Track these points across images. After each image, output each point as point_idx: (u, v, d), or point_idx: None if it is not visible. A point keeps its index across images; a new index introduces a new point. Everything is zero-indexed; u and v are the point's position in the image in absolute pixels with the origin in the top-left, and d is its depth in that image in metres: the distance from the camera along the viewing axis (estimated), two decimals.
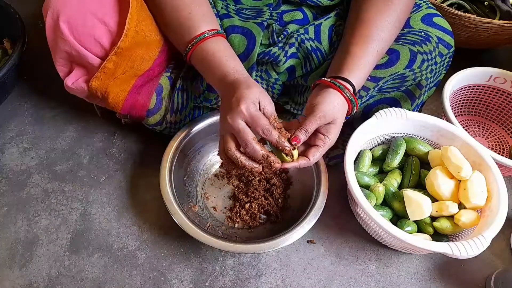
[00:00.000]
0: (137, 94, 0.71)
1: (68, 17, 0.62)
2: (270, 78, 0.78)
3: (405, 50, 0.71)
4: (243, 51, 0.72)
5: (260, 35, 0.71)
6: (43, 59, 0.91)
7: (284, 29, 0.76)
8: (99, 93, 0.69)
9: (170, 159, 0.75)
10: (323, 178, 0.75)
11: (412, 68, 0.71)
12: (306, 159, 0.62)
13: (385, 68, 0.71)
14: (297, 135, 0.60)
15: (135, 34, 0.65)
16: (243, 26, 0.72)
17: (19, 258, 0.71)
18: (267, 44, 0.75)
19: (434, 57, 0.73)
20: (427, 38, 0.73)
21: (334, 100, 0.63)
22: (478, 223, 0.70)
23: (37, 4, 1.10)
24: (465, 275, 0.75)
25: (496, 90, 0.94)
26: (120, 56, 0.65)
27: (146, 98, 0.72)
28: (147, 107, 0.73)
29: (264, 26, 0.72)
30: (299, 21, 0.77)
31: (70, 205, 0.79)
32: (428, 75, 0.74)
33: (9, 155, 0.85)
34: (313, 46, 0.74)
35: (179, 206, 0.69)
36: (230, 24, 0.73)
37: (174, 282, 0.70)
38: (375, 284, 0.73)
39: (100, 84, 0.68)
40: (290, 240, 0.67)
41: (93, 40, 0.65)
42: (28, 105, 0.94)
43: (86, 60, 0.66)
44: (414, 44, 0.72)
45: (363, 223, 0.77)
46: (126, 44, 0.64)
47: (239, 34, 0.72)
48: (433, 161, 0.78)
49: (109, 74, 0.67)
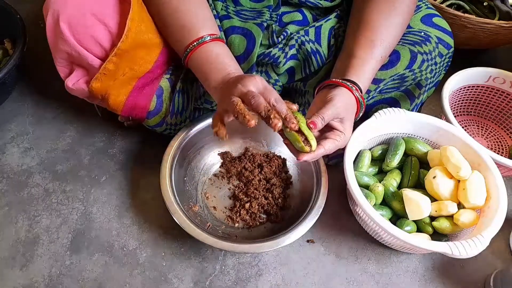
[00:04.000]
0: (138, 96, 0.71)
1: (68, 17, 0.62)
2: (270, 79, 0.78)
3: (405, 50, 0.71)
4: (243, 51, 0.72)
5: (260, 36, 0.72)
6: (44, 59, 0.92)
7: (284, 29, 0.76)
8: (99, 95, 0.69)
9: (171, 159, 0.75)
10: (323, 178, 0.75)
11: (412, 68, 0.72)
12: (322, 147, 0.61)
13: (386, 70, 0.72)
14: (314, 120, 0.59)
15: (135, 36, 0.65)
16: (243, 27, 0.73)
17: (20, 258, 0.72)
18: (267, 44, 0.75)
19: (434, 57, 0.73)
20: (427, 39, 0.73)
21: (347, 97, 0.63)
22: (477, 223, 0.70)
23: (38, 4, 1.10)
24: (464, 274, 0.75)
25: (495, 90, 0.95)
26: (120, 57, 0.65)
27: (146, 100, 0.72)
28: (147, 109, 0.73)
29: (264, 27, 0.73)
30: (299, 22, 0.78)
31: (70, 205, 0.79)
32: (428, 75, 0.74)
33: (10, 155, 0.85)
34: (313, 48, 0.74)
35: (179, 205, 0.70)
36: (230, 25, 0.73)
37: (174, 282, 0.71)
38: (374, 283, 0.73)
39: (101, 85, 0.67)
40: (290, 239, 0.67)
41: (93, 41, 0.65)
42: (29, 105, 0.95)
43: (86, 61, 0.66)
44: (414, 44, 0.72)
45: (363, 223, 0.77)
46: (126, 46, 0.64)
47: (239, 35, 0.72)
48: (432, 161, 0.78)
49: (109, 76, 0.67)
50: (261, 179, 0.81)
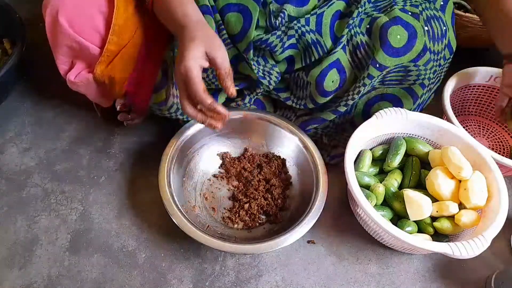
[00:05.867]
0: (142, 68, 0.72)
1: (67, 11, 0.64)
2: (266, 63, 0.77)
3: (421, 41, 0.71)
4: (240, 29, 0.71)
5: (257, 11, 0.70)
6: (43, 59, 0.91)
7: (281, 9, 0.74)
8: (105, 77, 0.70)
9: (170, 159, 0.75)
10: (322, 179, 0.75)
11: (418, 63, 0.72)
12: None
13: (395, 57, 0.71)
14: None
15: (125, 9, 0.67)
16: (239, 3, 0.71)
17: (18, 258, 0.71)
18: (264, 27, 0.73)
19: (439, 59, 0.74)
20: (444, 36, 0.74)
21: None
22: (479, 223, 0.70)
23: (37, 4, 1.10)
24: (465, 275, 0.75)
25: (497, 90, 0.94)
26: (118, 34, 0.67)
27: (151, 72, 0.73)
28: (154, 80, 0.73)
29: (261, 2, 0.71)
30: (297, 2, 0.75)
31: (69, 205, 0.79)
32: (431, 75, 0.74)
33: (9, 155, 0.85)
34: (314, 39, 0.73)
35: (178, 207, 0.69)
36: (226, 3, 0.72)
37: (173, 283, 0.70)
38: (375, 284, 0.73)
39: (105, 67, 0.69)
40: (290, 240, 0.67)
41: (92, 31, 0.67)
42: (28, 105, 0.94)
43: (87, 52, 0.68)
44: (431, 40, 0.72)
45: (363, 223, 0.77)
46: (119, 21, 0.66)
47: (235, 12, 0.71)
48: (433, 161, 0.78)
49: (112, 57, 0.69)
50: (260, 179, 0.81)
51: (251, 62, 0.74)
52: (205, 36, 0.60)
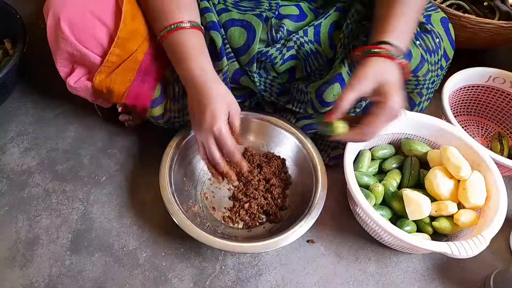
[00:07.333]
0: (141, 83, 0.72)
1: (68, 18, 0.63)
2: (268, 75, 0.78)
3: (417, 53, 0.71)
4: (244, 43, 0.72)
5: (260, 26, 0.71)
6: (44, 59, 0.91)
7: (281, 23, 0.75)
8: (103, 87, 0.70)
9: (170, 159, 0.75)
10: (322, 178, 0.75)
11: (417, 74, 0.72)
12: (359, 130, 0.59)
13: None
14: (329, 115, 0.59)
15: (130, 23, 0.66)
16: (242, 19, 0.72)
17: (20, 258, 0.72)
18: (265, 41, 0.74)
19: (436, 69, 0.75)
20: (438, 47, 0.73)
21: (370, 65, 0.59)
22: (477, 223, 0.70)
23: (38, 4, 1.10)
24: (464, 274, 0.75)
25: (495, 90, 0.95)
26: (121, 47, 0.66)
27: (150, 87, 0.72)
28: (152, 96, 0.73)
29: (263, 18, 0.72)
30: (295, 17, 0.76)
31: (71, 205, 0.79)
32: (429, 85, 0.75)
33: (10, 155, 0.86)
34: (313, 49, 0.74)
35: (179, 206, 0.70)
36: (229, 18, 0.73)
37: (174, 282, 0.71)
38: (374, 283, 0.73)
39: (104, 77, 0.68)
40: (289, 239, 0.67)
41: (93, 41, 0.65)
42: (29, 105, 0.95)
43: (88, 60, 0.67)
44: (426, 52, 0.72)
45: (363, 223, 0.77)
46: (124, 34, 0.65)
47: (239, 27, 0.72)
48: (432, 161, 0.78)
49: (112, 68, 0.68)
50: (260, 179, 0.81)
51: (254, 75, 0.75)
52: (225, 94, 0.63)
